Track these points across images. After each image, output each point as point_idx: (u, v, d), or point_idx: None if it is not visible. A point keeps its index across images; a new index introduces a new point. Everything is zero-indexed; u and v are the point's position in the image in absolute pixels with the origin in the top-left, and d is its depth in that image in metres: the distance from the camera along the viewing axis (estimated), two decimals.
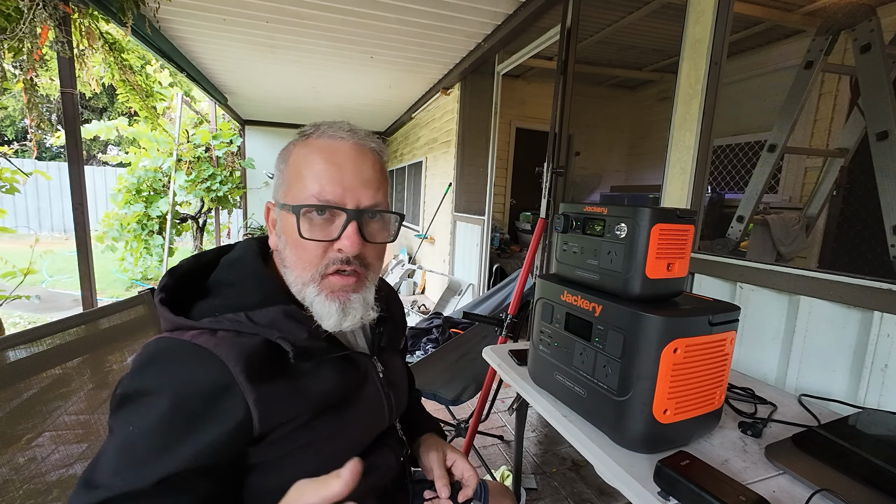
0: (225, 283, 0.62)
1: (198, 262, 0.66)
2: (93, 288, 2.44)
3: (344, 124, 0.64)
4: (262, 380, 0.54)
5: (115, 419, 0.51)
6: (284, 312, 0.59)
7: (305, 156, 0.62)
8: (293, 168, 0.62)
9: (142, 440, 0.48)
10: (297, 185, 0.61)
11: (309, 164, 0.61)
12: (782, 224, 2.22)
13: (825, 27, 1.83)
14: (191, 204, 6.08)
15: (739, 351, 1.28)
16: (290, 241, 0.62)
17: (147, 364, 0.53)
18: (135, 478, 0.47)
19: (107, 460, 0.48)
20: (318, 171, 0.60)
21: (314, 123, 0.65)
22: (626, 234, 0.74)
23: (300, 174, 0.61)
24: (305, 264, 0.61)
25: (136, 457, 0.48)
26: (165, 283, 0.61)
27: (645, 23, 3.28)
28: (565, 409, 0.87)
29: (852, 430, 0.81)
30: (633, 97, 5.20)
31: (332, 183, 0.60)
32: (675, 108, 1.54)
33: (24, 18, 1.98)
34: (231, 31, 3.22)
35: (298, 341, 0.58)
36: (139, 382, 0.52)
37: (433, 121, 5.10)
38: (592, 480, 1.84)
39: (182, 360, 0.53)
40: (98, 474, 0.47)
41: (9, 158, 2.48)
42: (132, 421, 0.50)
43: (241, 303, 0.58)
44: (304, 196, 0.60)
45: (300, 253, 0.61)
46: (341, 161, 0.61)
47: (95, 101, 11.91)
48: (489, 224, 3.61)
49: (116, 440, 0.49)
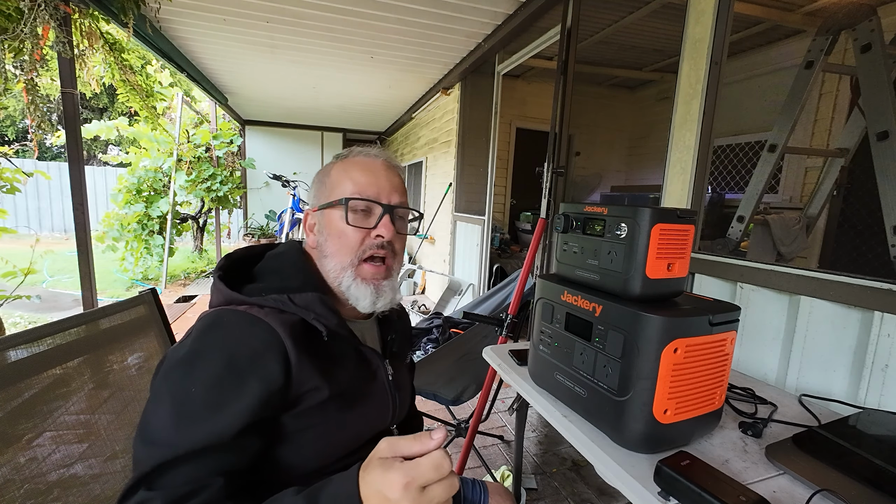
0: (270, 270, 0.72)
1: (249, 251, 0.77)
2: (93, 288, 2.44)
3: (374, 148, 0.79)
4: (300, 347, 0.62)
5: (165, 381, 0.58)
6: (320, 299, 0.67)
7: (345, 169, 0.75)
8: (335, 178, 0.75)
9: (198, 398, 0.55)
10: (339, 188, 0.73)
11: (349, 173, 0.74)
12: (783, 224, 2.21)
13: (825, 27, 1.83)
14: (191, 204, 6.09)
15: (740, 351, 1.28)
16: (333, 231, 0.73)
17: (205, 330, 0.61)
18: (194, 434, 0.53)
19: (164, 419, 0.54)
20: (357, 177, 0.73)
21: (349, 148, 0.79)
22: (627, 234, 0.74)
23: (342, 181, 0.74)
24: (347, 250, 0.72)
25: (194, 414, 0.54)
26: (223, 265, 0.71)
27: (645, 23, 3.28)
28: (565, 409, 0.87)
29: (853, 431, 0.81)
30: (634, 97, 5.20)
31: (370, 185, 0.73)
32: (675, 108, 1.53)
33: (25, 19, 1.98)
34: (231, 31, 3.22)
35: (330, 324, 0.67)
36: (197, 345, 0.59)
37: (433, 121, 5.10)
38: (593, 480, 1.84)
39: (235, 325, 0.61)
40: (158, 433, 0.53)
41: (9, 158, 2.48)
42: (188, 381, 0.56)
43: (284, 286, 0.67)
44: (348, 193, 0.72)
45: (343, 240, 0.72)
46: (376, 171, 0.75)
47: (96, 101, 11.91)
48: (489, 224, 3.61)
49: (171, 399, 0.55)
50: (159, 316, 0.98)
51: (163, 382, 0.58)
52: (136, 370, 0.91)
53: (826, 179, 2.15)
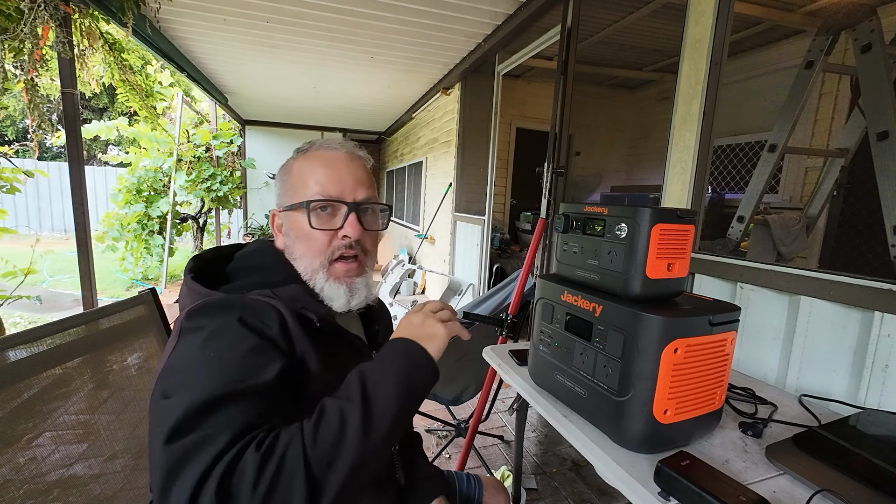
0: (246, 269, 0.71)
1: (218, 252, 0.75)
2: (93, 288, 2.44)
3: (336, 139, 0.76)
4: (300, 328, 0.62)
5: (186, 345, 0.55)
6: (304, 290, 0.68)
7: (307, 166, 0.72)
8: (297, 177, 0.72)
9: (227, 355, 0.53)
10: (301, 190, 0.71)
11: (311, 171, 0.71)
12: (783, 224, 2.21)
13: (826, 27, 1.83)
14: (191, 204, 6.09)
15: (740, 351, 1.28)
16: (300, 235, 0.71)
17: (206, 312, 0.58)
18: (240, 378, 0.51)
19: (201, 376, 0.50)
20: (319, 175, 0.71)
21: (309, 141, 0.76)
22: (627, 234, 0.74)
23: (304, 180, 0.71)
24: (315, 253, 0.70)
25: (231, 364, 0.52)
26: (193, 266, 0.69)
27: (645, 23, 3.28)
28: (565, 409, 0.87)
29: (853, 431, 0.81)
30: (634, 97, 5.20)
31: (332, 182, 0.70)
32: (675, 108, 1.53)
33: (25, 19, 1.98)
34: (231, 31, 3.22)
35: (319, 313, 0.66)
36: (209, 331, 0.56)
37: (433, 121, 5.10)
38: (593, 481, 1.84)
39: (236, 304, 0.59)
40: (196, 382, 0.50)
41: (9, 158, 2.48)
42: (205, 350, 0.54)
43: (266, 281, 0.67)
44: (310, 195, 0.70)
45: (309, 244, 0.70)
46: (338, 166, 0.72)
47: (96, 101, 11.91)
48: (489, 224, 3.61)
49: (204, 365, 0.52)
50: (159, 316, 0.99)
51: (181, 367, 0.53)
52: (136, 370, 0.91)
53: (826, 179, 2.15)
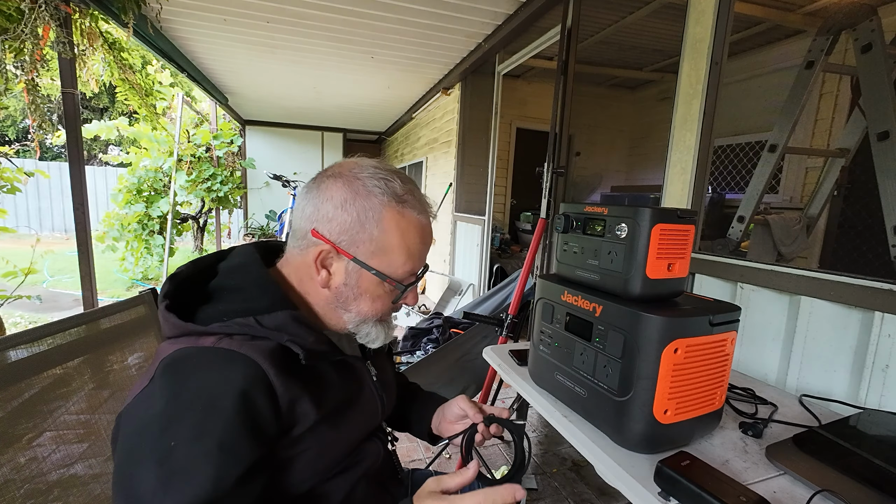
0: (229, 288, 0.64)
1: (196, 267, 0.68)
2: (93, 288, 2.44)
3: (425, 199, 0.70)
4: (284, 375, 0.57)
5: (142, 438, 0.50)
6: (292, 317, 0.61)
7: (404, 231, 0.66)
8: (388, 235, 0.65)
9: (185, 453, 0.49)
10: (391, 256, 0.65)
11: (407, 240, 0.66)
12: (783, 224, 2.21)
13: (826, 27, 1.82)
14: (191, 204, 6.09)
15: (740, 351, 1.28)
16: (370, 297, 0.68)
17: (176, 377, 0.53)
18: (192, 491, 0.47)
19: (151, 481, 0.47)
20: (415, 250, 0.67)
21: (404, 186, 0.66)
22: (627, 235, 0.73)
23: (394, 246, 0.65)
24: (377, 311, 0.69)
25: (186, 471, 0.48)
26: (168, 290, 0.62)
27: (645, 23, 3.28)
28: (565, 409, 0.87)
29: (853, 431, 0.81)
30: (634, 97, 5.20)
31: (422, 259, 0.70)
32: (675, 108, 1.53)
33: (26, 19, 1.98)
34: (232, 31, 3.22)
35: (306, 344, 0.60)
36: (171, 395, 0.52)
37: (434, 121, 5.10)
38: (593, 481, 1.84)
39: (209, 365, 0.54)
40: (147, 498, 0.47)
41: (10, 158, 2.48)
42: (167, 436, 0.49)
43: (249, 307, 0.60)
44: (402, 272, 0.67)
45: (377, 306, 0.69)
46: (429, 240, 0.71)
47: (96, 100, 11.91)
48: (489, 224, 3.61)
49: (156, 459, 0.48)
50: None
51: (139, 440, 0.50)
52: (136, 370, 0.91)
53: (826, 179, 2.15)
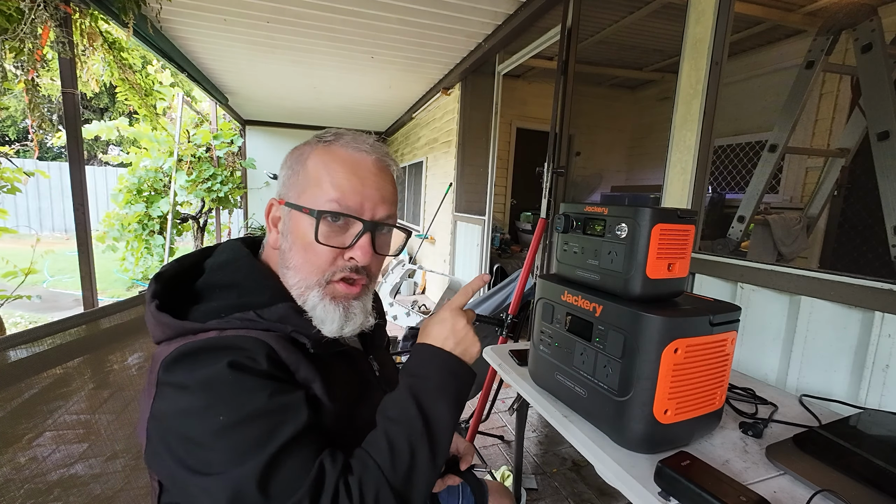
0: (221, 285, 0.61)
1: (181, 265, 0.65)
2: (94, 288, 2.44)
3: (368, 138, 0.65)
4: (296, 360, 0.57)
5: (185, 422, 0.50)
6: (293, 308, 0.59)
7: (327, 163, 0.62)
8: (312, 172, 0.62)
9: (257, 412, 0.50)
10: (313, 189, 0.61)
11: (330, 171, 0.61)
12: (783, 224, 2.21)
13: (826, 27, 1.82)
14: (191, 204, 6.08)
15: (740, 351, 1.28)
16: (301, 243, 0.61)
17: (197, 363, 0.52)
18: (272, 437, 0.48)
19: (226, 445, 0.48)
20: (339, 179, 0.60)
21: (336, 132, 0.65)
22: (627, 234, 0.73)
23: (319, 179, 0.61)
24: (313, 268, 0.61)
25: (252, 421, 0.49)
26: (156, 290, 0.59)
27: (645, 23, 3.27)
28: (566, 409, 0.87)
29: (853, 431, 0.81)
30: (634, 97, 5.20)
31: (354, 193, 0.61)
32: (675, 108, 1.53)
33: (26, 19, 1.98)
34: (232, 31, 3.22)
35: (310, 334, 0.59)
36: (195, 378, 0.51)
37: (434, 121, 5.10)
38: (593, 481, 1.84)
39: (226, 349, 0.53)
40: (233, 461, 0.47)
41: (10, 158, 2.48)
42: (212, 412, 0.49)
43: (247, 302, 0.58)
44: (323, 201, 0.60)
45: (310, 257, 0.61)
46: (364, 174, 0.62)
47: (96, 101, 11.91)
48: (490, 224, 3.61)
49: (219, 429, 0.48)
50: None
51: (201, 427, 0.49)
52: (136, 370, 0.91)
53: (827, 179, 2.15)
